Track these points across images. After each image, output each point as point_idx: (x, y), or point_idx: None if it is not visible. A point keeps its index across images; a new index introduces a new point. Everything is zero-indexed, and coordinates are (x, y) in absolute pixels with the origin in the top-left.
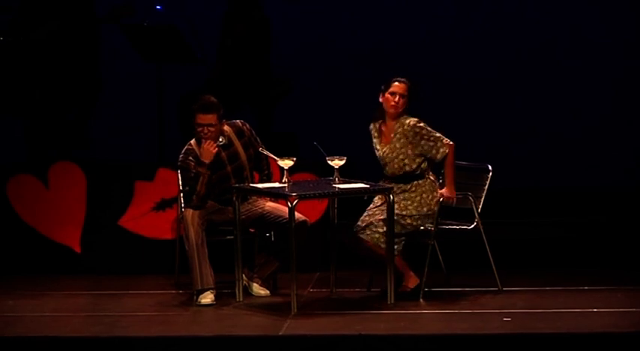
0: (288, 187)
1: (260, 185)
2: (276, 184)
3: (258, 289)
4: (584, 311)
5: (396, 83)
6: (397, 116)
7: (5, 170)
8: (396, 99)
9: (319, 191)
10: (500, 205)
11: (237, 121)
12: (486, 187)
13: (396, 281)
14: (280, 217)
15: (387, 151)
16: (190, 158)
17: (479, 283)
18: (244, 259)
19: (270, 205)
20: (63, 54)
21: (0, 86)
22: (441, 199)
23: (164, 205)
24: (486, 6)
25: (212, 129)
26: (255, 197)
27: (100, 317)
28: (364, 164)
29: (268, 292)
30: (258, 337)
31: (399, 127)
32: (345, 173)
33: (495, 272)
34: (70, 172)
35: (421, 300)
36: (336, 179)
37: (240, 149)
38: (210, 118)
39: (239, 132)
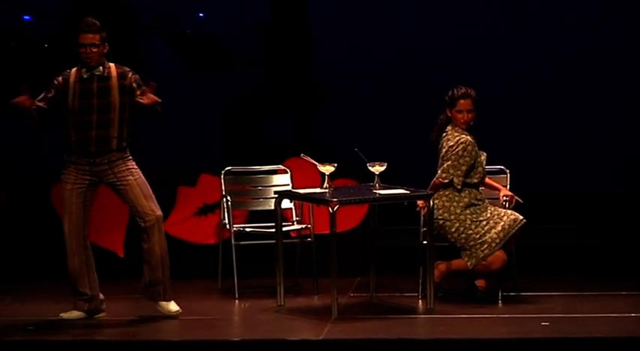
0: (329, 192)
1: (301, 191)
2: (318, 190)
3: (166, 307)
4: (622, 316)
5: (462, 101)
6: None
7: (50, 177)
8: (464, 117)
9: (359, 197)
10: (537, 210)
11: (128, 68)
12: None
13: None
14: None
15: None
16: (58, 80)
17: (517, 287)
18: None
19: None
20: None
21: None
22: (506, 201)
23: (206, 210)
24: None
25: (95, 50)
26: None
27: (142, 321)
28: (404, 171)
29: (174, 305)
30: (299, 341)
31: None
32: (386, 179)
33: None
34: None
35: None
36: (377, 185)
37: (114, 87)
38: (92, 38)
39: (122, 75)
